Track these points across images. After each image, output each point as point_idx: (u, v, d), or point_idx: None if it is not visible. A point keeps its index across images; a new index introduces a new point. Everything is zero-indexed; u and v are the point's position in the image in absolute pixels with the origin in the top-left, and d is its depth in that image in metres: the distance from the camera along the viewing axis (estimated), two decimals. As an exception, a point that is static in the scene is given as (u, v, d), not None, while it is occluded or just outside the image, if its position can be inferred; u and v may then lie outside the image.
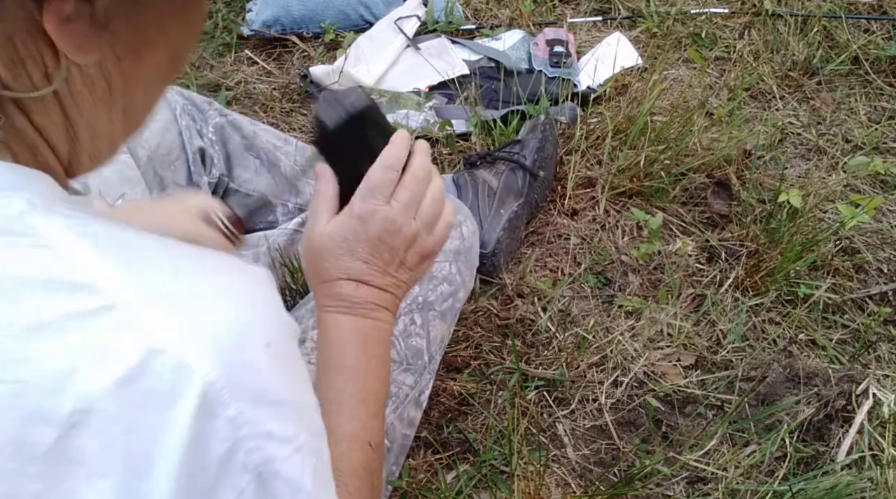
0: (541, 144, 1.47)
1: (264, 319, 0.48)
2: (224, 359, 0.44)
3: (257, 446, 0.46)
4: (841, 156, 1.66)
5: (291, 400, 0.49)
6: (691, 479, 1.16)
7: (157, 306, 0.44)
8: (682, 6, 1.99)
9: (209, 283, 0.47)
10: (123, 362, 0.42)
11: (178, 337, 0.43)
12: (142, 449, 0.43)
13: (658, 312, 1.35)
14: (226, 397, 0.44)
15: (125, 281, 0.44)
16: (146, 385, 0.42)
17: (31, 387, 0.42)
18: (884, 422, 1.21)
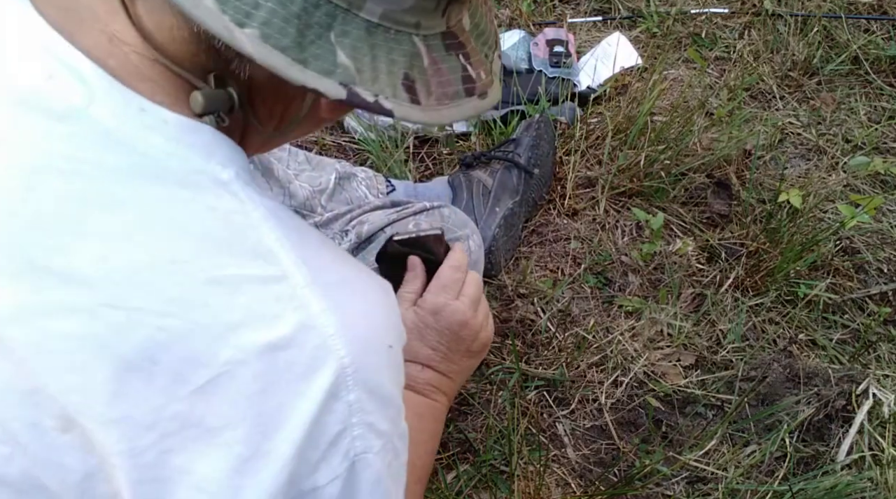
0: (535, 142, 1.47)
1: (390, 323, 0.55)
2: (357, 348, 0.50)
3: (361, 434, 0.51)
4: (841, 156, 1.66)
5: (394, 400, 0.54)
6: (691, 479, 1.16)
7: (316, 288, 0.49)
8: (682, 6, 1.99)
9: (357, 280, 0.54)
10: (280, 329, 0.47)
11: (327, 319, 0.49)
12: (273, 410, 0.47)
13: (658, 312, 1.35)
14: (351, 383, 0.49)
15: (296, 259, 0.49)
16: (293, 354, 0.47)
17: (201, 330, 0.46)
18: (884, 422, 1.21)
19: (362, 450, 0.51)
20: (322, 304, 0.49)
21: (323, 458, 0.49)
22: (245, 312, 0.47)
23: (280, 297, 0.48)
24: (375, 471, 0.53)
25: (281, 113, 0.58)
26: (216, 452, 0.47)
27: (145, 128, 0.49)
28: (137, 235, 0.47)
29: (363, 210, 1.22)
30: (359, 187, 1.29)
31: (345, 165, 1.33)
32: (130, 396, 0.45)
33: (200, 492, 0.47)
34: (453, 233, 1.16)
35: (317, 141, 1.62)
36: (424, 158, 1.59)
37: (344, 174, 1.30)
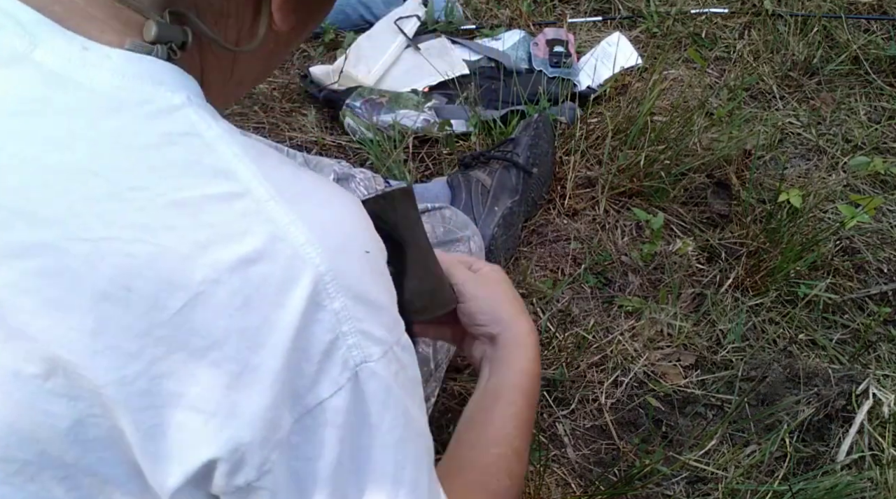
0: (534, 141, 1.47)
1: (362, 230, 0.54)
2: (332, 255, 0.49)
3: (356, 343, 0.50)
4: (841, 156, 1.66)
5: (386, 307, 0.53)
6: (691, 479, 1.16)
7: (280, 200, 0.49)
8: (682, 6, 1.99)
9: (321, 190, 0.53)
10: (249, 243, 0.47)
11: (297, 229, 0.49)
12: (256, 325, 0.47)
13: (658, 312, 1.35)
14: (332, 290, 0.49)
15: (257, 174, 0.49)
16: (266, 267, 0.47)
17: (170, 252, 0.46)
18: (884, 422, 1.21)
19: (361, 359, 0.50)
20: (289, 215, 0.49)
21: (320, 369, 0.49)
22: (212, 230, 0.47)
23: (245, 212, 0.48)
24: (382, 380, 0.51)
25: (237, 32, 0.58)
26: (206, 371, 0.47)
27: (89, 65, 0.50)
28: (94, 167, 0.47)
29: None
30: (357, 188, 1.29)
31: (343, 166, 1.33)
32: (111, 326, 0.46)
33: (198, 412, 0.47)
34: (454, 235, 1.16)
35: (317, 141, 1.62)
36: (424, 158, 1.59)
37: (342, 175, 1.30)
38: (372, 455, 0.52)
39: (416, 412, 0.56)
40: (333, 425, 0.50)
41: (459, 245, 1.15)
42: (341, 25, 1.90)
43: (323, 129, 1.67)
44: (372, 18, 1.91)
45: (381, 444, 0.52)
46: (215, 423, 0.47)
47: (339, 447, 0.50)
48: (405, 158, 1.56)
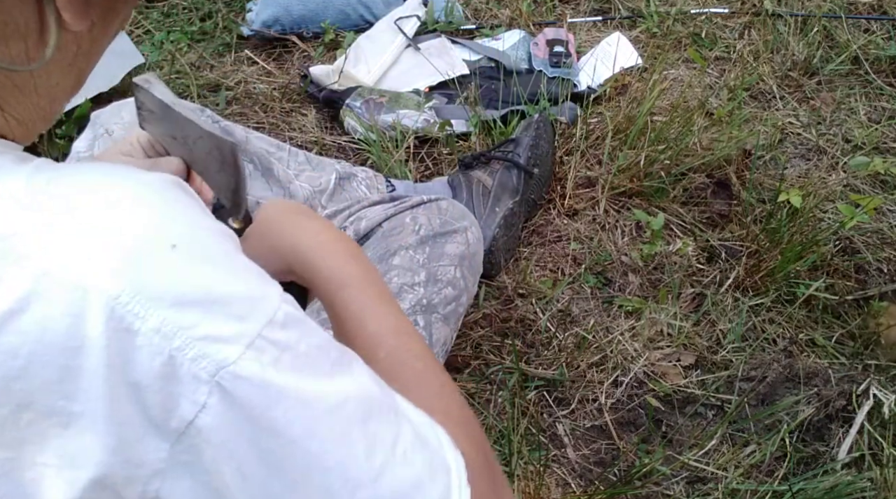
0: (534, 142, 1.47)
1: (164, 222, 0.45)
2: (125, 270, 0.42)
3: (200, 353, 0.43)
4: (841, 156, 1.66)
5: (227, 295, 0.45)
6: (691, 479, 1.16)
7: (43, 225, 0.42)
8: (682, 6, 1.99)
9: (106, 190, 0.45)
10: (10, 292, 0.41)
11: (68, 258, 0.41)
12: (56, 376, 0.41)
13: (658, 312, 1.35)
14: (139, 309, 0.42)
15: (21, 208, 0.43)
16: (40, 312, 0.41)
17: None
18: (884, 422, 1.21)
19: (215, 367, 0.43)
20: (57, 239, 0.42)
21: (169, 395, 0.43)
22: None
23: (5, 254, 0.41)
24: (253, 379, 0.44)
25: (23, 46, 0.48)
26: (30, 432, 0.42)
27: None
28: None
29: (361, 206, 1.22)
30: (359, 187, 1.29)
31: (345, 166, 1.33)
32: None
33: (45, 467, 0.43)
34: (451, 225, 1.16)
35: (317, 141, 1.62)
36: (424, 157, 1.59)
37: (344, 174, 1.30)
38: (283, 456, 0.46)
39: (322, 386, 0.48)
40: (216, 443, 0.44)
41: (457, 236, 1.15)
42: (341, 25, 1.90)
43: (323, 129, 1.67)
44: (372, 18, 1.91)
45: (287, 442, 0.46)
46: (66, 473, 0.43)
47: (237, 462, 0.45)
48: (405, 158, 1.56)
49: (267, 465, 0.46)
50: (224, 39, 1.91)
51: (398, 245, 1.12)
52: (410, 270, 1.09)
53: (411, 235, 1.13)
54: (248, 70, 1.83)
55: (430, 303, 1.08)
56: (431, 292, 1.08)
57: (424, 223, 1.14)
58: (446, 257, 1.12)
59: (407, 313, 1.05)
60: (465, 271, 1.13)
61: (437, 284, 1.09)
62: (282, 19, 1.89)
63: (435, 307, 1.08)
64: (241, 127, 1.29)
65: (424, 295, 1.07)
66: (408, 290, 1.08)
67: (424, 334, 1.06)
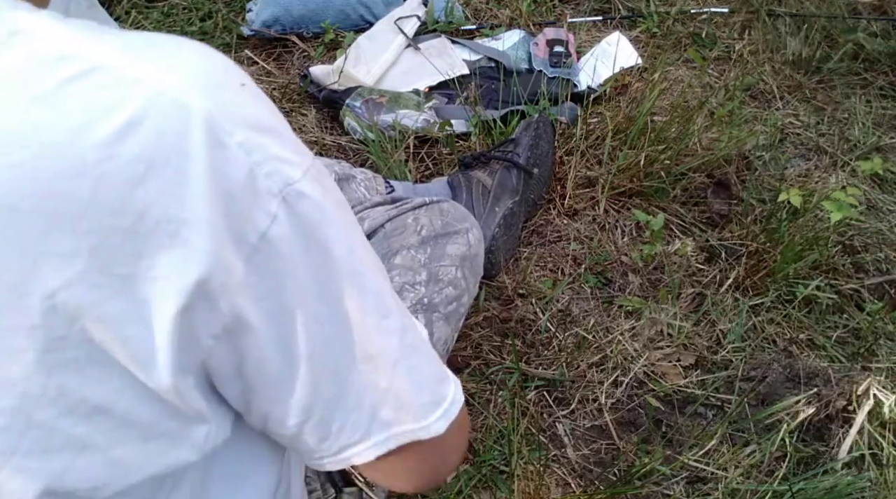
0: (534, 142, 1.47)
1: (232, 66, 0.53)
2: (213, 94, 0.48)
3: (273, 169, 0.49)
4: (841, 156, 1.66)
5: (285, 132, 0.52)
6: (691, 479, 1.16)
7: (141, 61, 0.47)
8: (682, 6, 1.99)
9: (176, 41, 0.51)
10: (126, 109, 0.46)
11: (170, 81, 0.47)
12: (169, 182, 0.46)
13: (658, 312, 1.35)
14: (227, 126, 0.48)
15: (104, 48, 0.47)
16: (153, 124, 0.46)
17: (52, 146, 0.45)
18: (884, 422, 1.21)
19: (283, 182, 0.50)
20: (153, 70, 0.47)
21: (248, 205, 0.48)
22: (82, 112, 0.45)
23: (107, 83, 0.46)
24: (313, 199, 0.51)
25: None
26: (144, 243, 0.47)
27: None
28: None
29: (363, 207, 1.22)
30: (358, 189, 1.29)
31: (344, 166, 1.33)
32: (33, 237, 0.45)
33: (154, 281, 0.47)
34: (453, 227, 1.16)
35: (316, 141, 1.62)
36: (424, 158, 1.59)
37: (343, 175, 1.30)
38: (330, 272, 0.53)
39: (356, 226, 0.57)
40: (283, 255, 0.50)
41: (458, 237, 1.15)
42: (341, 25, 1.90)
43: (323, 129, 1.67)
44: (372, 18, 1.91)
45: (334, 259, 0.53)
46: (175, 281, 0.47)
47: (298, 273, 0.51)
48: (405, 158, 1.56)
49: (317, 280, 0.52)
50: (224, 39, 1.91)
51: (400, 245, 1.12)
52: (412, 270, 1.10)
53: (413, 236, 1.13)
54: (249, 70, 1.83)
55: (430, 302, 1.08)
56: (432, 292, 1.09)
57: (426, 224, 1.14)
58: (447, 258, 1.12)
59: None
60: (466, 272, 1.13)
61: (438, 283, 1.09)
62: (282, 19, 1.89)
63: (436, 306, 1.09)
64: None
65: (425, 294, 1.08)
66: (409, 289, 1.08)
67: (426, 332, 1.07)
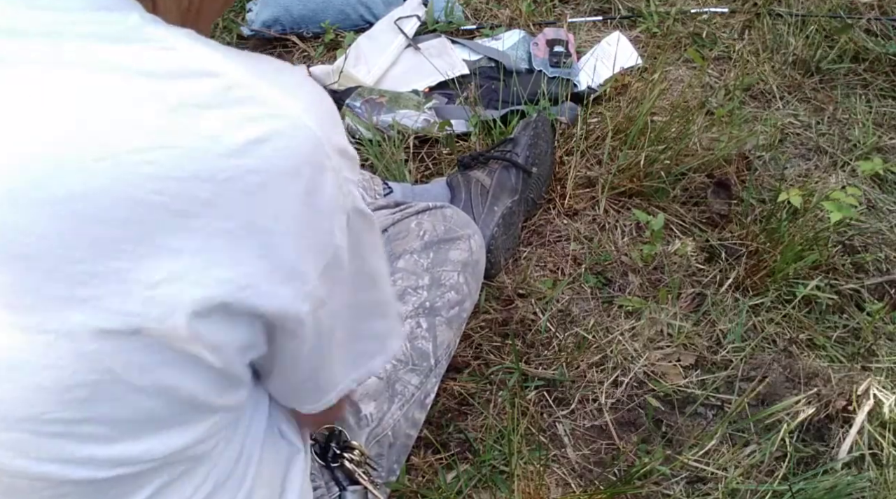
0: (533, 141, 1.47)
1: (329, 99, 0.59)
2: (321, 120, 0.55)
3: (349, 190, 0.57)
4: (841, 156, 1.66)
5: (353, 155, 0.60)
6: (691, 479, 1.16)
7: (265, 83, 0.53)
8: (682, 6, 1.99)
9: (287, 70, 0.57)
10: (255, 125, 0.51)
11: (293, 107, 0.53)
12: (277, 197, 0.52)
13: (658, 312, 1.35)
14: (329, 151, 0.54)
15: (240, 68, 0.53)
16: (276, 143, 0.52)
17: (188, 150, 0.50)
18: (884, 422, 1.21)
19: (352, 202, 0.58)
20: (277, 93, 0.53)
21: (331, 221, 0.56)
22: (219, 122, 0.50)
23: (241, 100, 0.51)
24: (363, 210, 0.61)
25: None
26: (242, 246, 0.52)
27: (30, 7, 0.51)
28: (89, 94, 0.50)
29: None
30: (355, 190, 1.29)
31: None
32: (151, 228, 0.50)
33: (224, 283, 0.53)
34: (455, 233, 1.17)
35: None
36: (424, 158, 1.59)
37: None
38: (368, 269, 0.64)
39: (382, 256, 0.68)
40: (342, 264, 0.59)
41: (461, 243, 1.15)
42: (341, 25, 1.90)
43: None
44: (372, 18, 1.91)
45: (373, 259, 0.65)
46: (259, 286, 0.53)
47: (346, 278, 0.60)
48: (405, 158, 1.56)
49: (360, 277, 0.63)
50: (224, 39, 1.91)
51: (403, 249, 1.13)
52: (414, 274, 1.10)
53: (416, 240, 1.13)
54: (248, 70, 1.83)
55: (433, 306, 1.08)
56: (435, 296, 1.09)
57: (429, 229, 1.15)
58: (450, 263, 1.13)
59: (410, 316, 1.06)
60: (469, 277, 1.14)
61: (440, 288, 1.10)
62: (282, 19, 1.89)
63: (438, 310, 1.09)
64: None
65: (427, 298, 1.08)
66: (411, 293, 1.09)
67: (428, 336, 1.07)
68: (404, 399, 1.03)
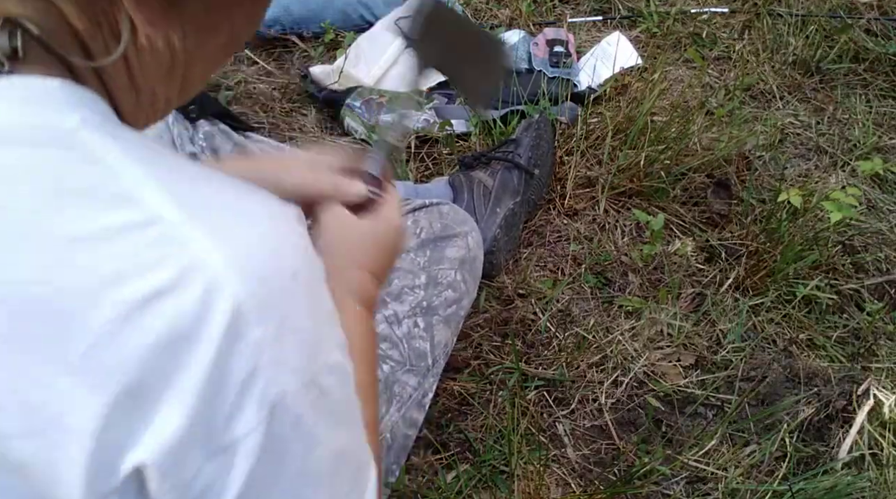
0: (535, 142, 1.47)
1: (292, 251, 0.49)
2: (253, 280, 0.45)
3: (275, 375, 0.46)
4: (841, 156, 1.66)
5: (312, 330, 0.50)
6: (691, 479, 1.16)
7: (194, 223, 0.45)
8: (682, 6, 1.99)
9: (245, 206, 0.49)
10: (160, 275, 0.43)
11: (213, 255, 0.45)
12: (171, 362, 0.44)
13: (658, 312, 1.35)
14: (253, 319, 0.45)
15: (166, 197, 0.45)
16: (180, 299, 0.43)
17: (72, 292, 0.43)
18: (884, 422, 1.21)
19: (278, 392, 0.46)
20: (204, 239, 0.45)
21: (236, 405, 0.45)
22: (117, 264, 0.43)
23: (154, 241, 0.44)
24: (294, 413, 0.47)
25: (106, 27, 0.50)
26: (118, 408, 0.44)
27: None
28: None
29: None
30: None
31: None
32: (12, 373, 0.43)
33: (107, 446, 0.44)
34: (452, 230, 1.16)
35: (316, 141, 1.62)
36: (424, 157, 1.59)
37: (344, 174, 1.30)
38: (273, 492, 0.48)
39: (337, 437, 0.52)
40: (243, 466, 0.46)
41: (458, 240, 1.15)
42: (341, 25, 1.90)
43: (323, 129, 1.67)
44: (372, 18, 1.91)
45: (285, 479, 0.48)
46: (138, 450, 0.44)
47: (244, 486, 0.46)
48: (406, 158, 1.56)
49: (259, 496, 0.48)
50: (224, 39, 1.91)
51: None
52: (411, 273, 1.10)
53: (412, 238, 1.13)
54: (248, 70, 1.83)
55: (430, 305, 1.08)
56: (432, 295, 1.09)
57: (426, 227, 1.15)
58: (447, 261, 1.12)
59: (407, 315, 1.06)
60: (466, 275, 1.14)
61: (437, 286, 1.09)
62: (282, 19, 1.89)
63: (435, 309, 1.09)
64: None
65: (425, 297, 1.08)
66: (408, 292, 1.08)
67: (426, 335, 1.07)
68: (402, 401, 1.03)
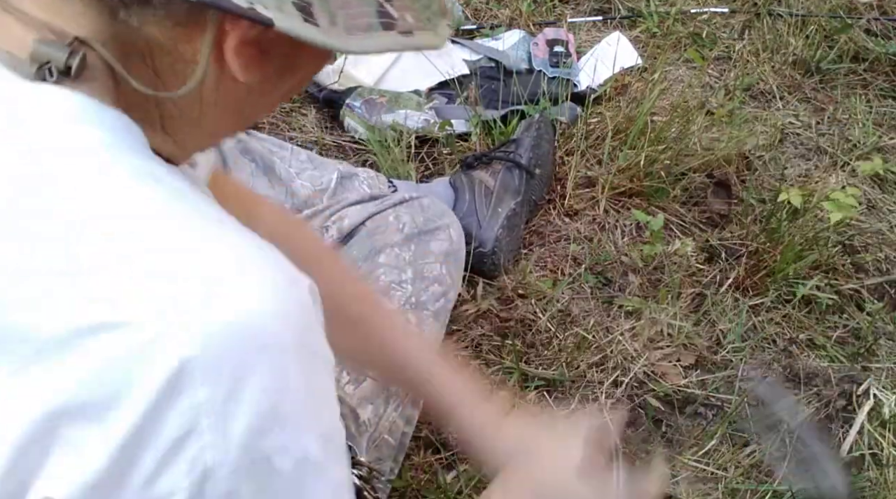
0: (536, 142, 1.47)
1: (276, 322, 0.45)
2: (213, 340, 0.42)
3: (214, 441, 0.42)
4: (841, 156, 1.66)
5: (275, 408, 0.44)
6: (691, 479, 1.16)
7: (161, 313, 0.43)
8: (682, 6, 1.99)
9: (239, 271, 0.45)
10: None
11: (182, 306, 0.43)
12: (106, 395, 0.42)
13: (658, 312, 1.35)
14: (199, 378, 0.42)
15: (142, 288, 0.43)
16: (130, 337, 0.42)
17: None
18: (884, 422, 1.21)
19: (215, 462, 0.42)
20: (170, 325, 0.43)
21: (163, 464, 0.42)
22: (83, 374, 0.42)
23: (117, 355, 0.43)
24: (228, 488, 0.43)
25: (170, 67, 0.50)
26: None
27: None
28: None
29: (341, 205, 1.21)
30: (360, 186, 1.29)
31: (347, 166, 1.33)
32: None
33: None
34: (433, 223, 1.17)
35: (317, 141, 1.62)
36: (425, 158, 1.59)
37: (346, 174, 1.30)
38: None
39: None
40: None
41: (440, 233, 1.16)
42: (341, 25, 1.90)
43: (323, 129, 1.67)
44: (372, 18, 1.91)
45: None
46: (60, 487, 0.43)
47: None
48: (406, 158, 1.56)
49: None
50: (224, 39, 1.91)
51: (383, 243, 1.13)
52: (397, 268, 1.10)
53: (396, 234, 1.13)
54: (248, 70, 1.83)
55: (418, 300, 1.09)
56: (419, 290, 1.09)
57: (408, 221, 1.15)
58: (431, 255, 1.13)
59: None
60: (451, 268, 1.14)
61: (423, 281, 1.10)
62: (282, 19, 1.88)
63: (424, 304, 1.09)
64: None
65: (413, 293, 1.09)
66: (396, 287, 1.09)
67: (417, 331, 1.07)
68: (399, 399, 1.03)
